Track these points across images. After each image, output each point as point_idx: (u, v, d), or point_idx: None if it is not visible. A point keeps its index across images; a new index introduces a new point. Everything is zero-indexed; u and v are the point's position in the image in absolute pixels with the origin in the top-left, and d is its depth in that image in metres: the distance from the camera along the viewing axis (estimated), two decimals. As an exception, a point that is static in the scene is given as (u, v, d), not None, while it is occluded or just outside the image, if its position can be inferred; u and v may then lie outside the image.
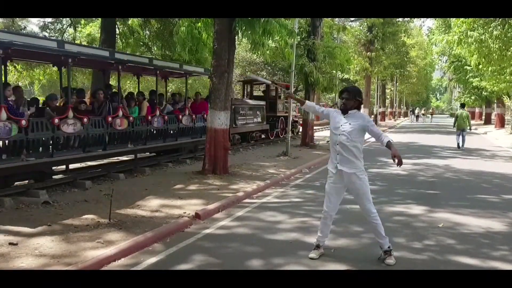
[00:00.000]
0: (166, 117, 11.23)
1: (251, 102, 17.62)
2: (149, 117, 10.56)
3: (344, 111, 4.62)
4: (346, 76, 29.48)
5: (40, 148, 7.86)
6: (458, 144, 17.37)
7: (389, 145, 4.54)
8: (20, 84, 21.01)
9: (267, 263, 4.57)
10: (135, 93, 11.58)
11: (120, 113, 9.52)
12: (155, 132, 11.00)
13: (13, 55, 8.41)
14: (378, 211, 6.78)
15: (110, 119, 9.22)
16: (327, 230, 4.83)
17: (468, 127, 17.33)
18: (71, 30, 21.44)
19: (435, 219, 6.45)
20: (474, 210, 7.03)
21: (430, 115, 52.77)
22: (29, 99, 9.07)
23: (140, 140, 10.40)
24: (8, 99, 7.42)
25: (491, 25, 15.49)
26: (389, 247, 4.65)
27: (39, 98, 9.02)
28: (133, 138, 10.15)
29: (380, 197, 7.95)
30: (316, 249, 4.79)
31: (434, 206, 7.21)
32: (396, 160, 4.49)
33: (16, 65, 15.94)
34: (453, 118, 18.74)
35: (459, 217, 6.55)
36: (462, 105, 19.56)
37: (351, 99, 4.59)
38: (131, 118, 9.88)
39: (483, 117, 43.78)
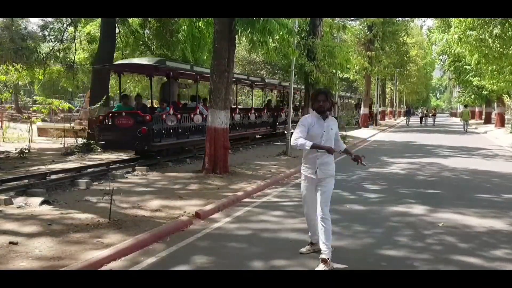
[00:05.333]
0: (240, 114, 15.50)
1: None
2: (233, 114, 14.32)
3: (323, 114, 4.59)
4: (346, 75, 29.41)
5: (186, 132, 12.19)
6: (464, 129, 28.82)
7: (346, 150, 4.89)
8: (19, 83, 21.02)
9: (267, 263, 4.58)
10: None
11: (198, 111, 12.62)
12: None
13: (174, 76, 12.79)
14: (379, 210, 6.87)
15: (192, 115, 12.47)
16: (315, 228, 4.79)
17: (469, 119, 30.65)
18: (70, 29, 21.40)
19: (436, 218, 6.45)
20: (475, 209, 7.03)
21: (431, 116, 43.12)
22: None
23: None
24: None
25: (491, 24, 15.48)
26: (329, 258, 4.40)
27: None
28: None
29: (380, 196, 7.96)
30: (309, 245, 4.92)
31: (434, 206, 7.21)
32: (359, 159, 4.78)
33: (16, 65, 15.93)
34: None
35: (461, 217, 6.55)
36: (465, 106, 35.69)
37: (327, 101, 4.58)
38: (204, 115, 12.50)
39: (483, 116, 43.71)
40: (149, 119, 10.69)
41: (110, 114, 11.36)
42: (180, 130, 11.81)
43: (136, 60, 12.53)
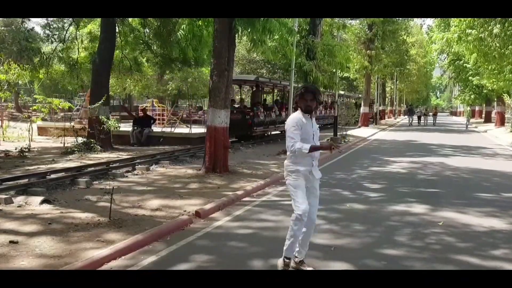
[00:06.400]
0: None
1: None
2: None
3: (310, 113, 4.31)
4: (346, 74, 29.42)
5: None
6: (466, 126, 32.15)
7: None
8: (20, 82, 21.01)
9: (267, 262, 4.58)
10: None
11: (274, 109, 19.26)
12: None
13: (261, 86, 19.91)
14: (379, 209, 6.87)
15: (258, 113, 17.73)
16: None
17: (470, 117, 36.18)
18: (72, 29, 21.34)
19: (436, 217, 6.45)
20: (475, 208, 7.03)
21: (432, 115, 40.70)
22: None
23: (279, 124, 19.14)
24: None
25: (491, 23, 15.47)
26: (303, 260, 4.33)
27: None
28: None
29: (381, 195, 7.96)
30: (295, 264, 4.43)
31: (434, 205, 7.21)
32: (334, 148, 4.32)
33: (19, 64, 15.93)
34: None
35: (460, 216, 6.55)
36: (470, 105, 42.62)
37: (315, 100, 4.29)
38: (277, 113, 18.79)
39: (483, 115, 43.69)
40: (252, 114, 16.77)
41: None
42: (265, 122, 18.00)
43: (240, 77, 21.06)
